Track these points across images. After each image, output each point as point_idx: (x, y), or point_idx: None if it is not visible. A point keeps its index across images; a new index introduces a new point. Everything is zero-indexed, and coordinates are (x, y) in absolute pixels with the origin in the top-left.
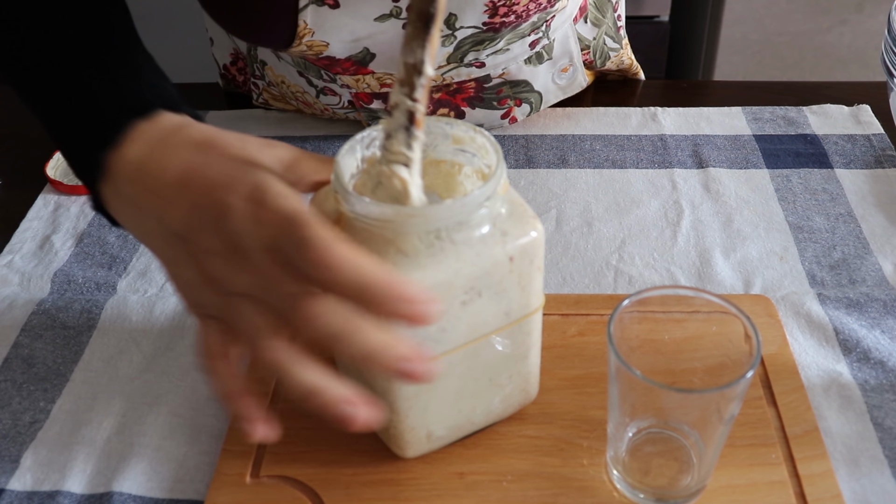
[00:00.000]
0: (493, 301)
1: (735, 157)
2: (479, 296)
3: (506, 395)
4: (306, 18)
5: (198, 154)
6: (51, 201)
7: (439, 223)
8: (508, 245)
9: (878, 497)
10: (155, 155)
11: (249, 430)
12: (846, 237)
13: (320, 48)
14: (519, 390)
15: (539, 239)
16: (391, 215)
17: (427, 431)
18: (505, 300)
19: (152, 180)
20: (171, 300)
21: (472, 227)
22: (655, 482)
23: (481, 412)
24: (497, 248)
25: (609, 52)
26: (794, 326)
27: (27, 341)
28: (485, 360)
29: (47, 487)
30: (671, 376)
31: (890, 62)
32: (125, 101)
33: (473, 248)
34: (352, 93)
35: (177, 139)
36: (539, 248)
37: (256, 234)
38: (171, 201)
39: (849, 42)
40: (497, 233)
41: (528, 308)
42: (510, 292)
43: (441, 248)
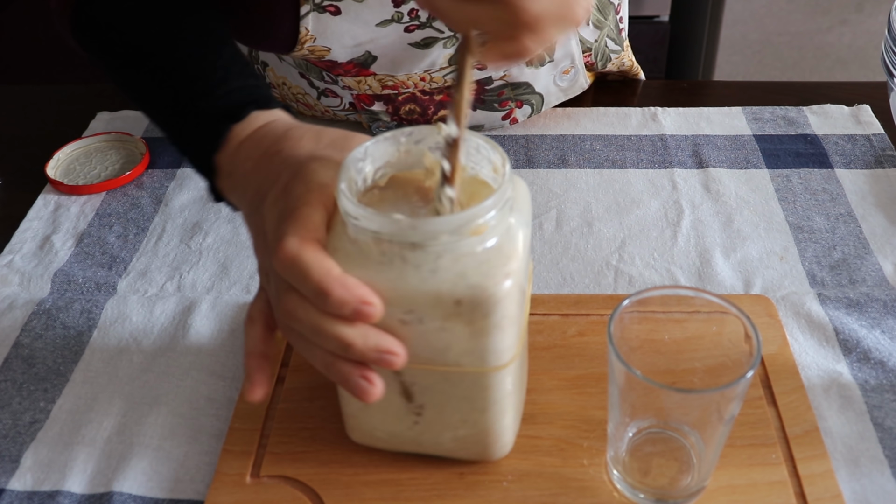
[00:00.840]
0: (437, 335)
1: (735, 157)
2: (420, 322)
3: (458, 436)
4: (308, 25)
5: (274, 145)
6: (51, 201)
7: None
8: (458, 288)
9: (878, 497)
10: (243, 149)
11: (247, 388)
12: (846, 237)
13: (322, 53)
14: (474, 441)
15: (501, 296)
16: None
17: (371, 427)
18: (451, 341)
19: (240, 170)
20: (172, 300)
21: (429, 253)
22: (655, 482)
23: (429, 440)
24: (445, 285)
25: (610, 54)
26: (794, 326)
27: (27, 341)
28: (431, 390)
29: (47, 487)
30: (671, 376)
31: (890, 62)
32: (223, 110)
33: (420, 274)
34: (353, 94)
35: (261, 134)
36: (500, 304)
37: (270, 216)
38: (246, 186)
39: (849, 42)
40: (453, 270)
41: (484, 363)
42: (458, 335)
43: (392, 260)
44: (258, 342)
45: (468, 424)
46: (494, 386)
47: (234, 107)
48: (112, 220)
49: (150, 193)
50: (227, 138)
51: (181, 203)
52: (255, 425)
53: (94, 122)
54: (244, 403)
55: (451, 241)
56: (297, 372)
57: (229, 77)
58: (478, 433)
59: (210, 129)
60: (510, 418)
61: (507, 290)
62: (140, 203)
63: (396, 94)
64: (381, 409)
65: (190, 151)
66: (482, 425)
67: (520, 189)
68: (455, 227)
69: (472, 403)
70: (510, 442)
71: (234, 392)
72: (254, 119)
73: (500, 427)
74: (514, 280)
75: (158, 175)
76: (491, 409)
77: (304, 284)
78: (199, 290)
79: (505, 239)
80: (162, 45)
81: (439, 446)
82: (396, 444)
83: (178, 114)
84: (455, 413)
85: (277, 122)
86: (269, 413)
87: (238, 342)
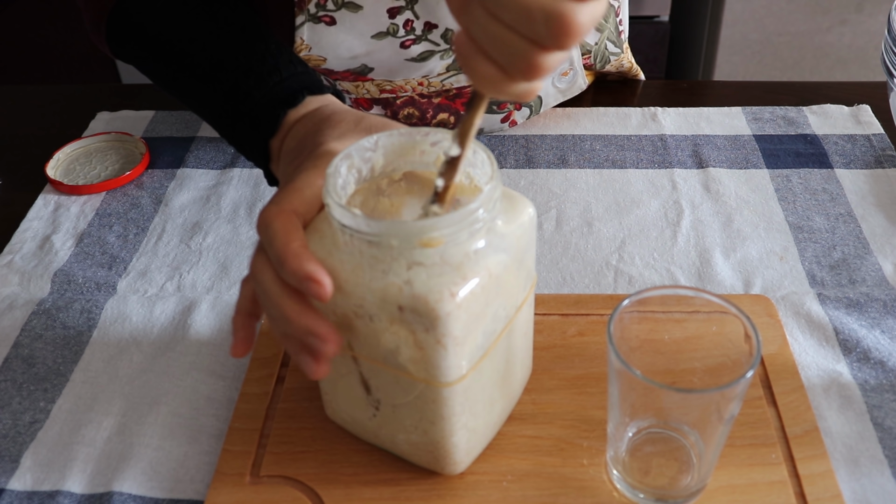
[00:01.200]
0: (385, 336)
1: (735, 157)
2: (370, 319)
3: (411, 441)
4: (303, 35)
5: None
6: (51, 201)
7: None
8: (403, 294)
9: (878, 497)
10: (292, 132)
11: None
12: (846, 237)
13: (318, 62)
14: (426, 450)
15: (440, 312)
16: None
17: (336, 406)
18: (398, 345)
19: (285, 153)
20: (171, 300)
21: (384, 252)
22: (655, 482)
23: (385, 436)
24: (392, 288)
25: (609, 56)
26: (794, 326)
27: (27, 341)
28: (385, 389)
29: (47, 487)
30: (671, 376)
31: (890, 62)
32: (278, 96)
33: (373, 272)
34: (351, 98)
35: (310, 117)
36: (441, 322)
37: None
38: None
39: (849, 42)
40: (403, 276)
41: (430, 376)
42: (403, 341)
43: (352, 252)
44: (247, 301)
45: (419, 432)
46: (442, 401)
47: (288, 93)
48: (112, 220)
49: (150, 193)
50: (282, 123)
51: (181, 203)
52: (255, 425)
53: (94, 122)
54: (244, 403)
55: (399, 248)
56: (297, 372)
57: (280, 66)
58: (429, 443)
59: (266, 115)
60: (462, 437)
61: (449, 309)
62: (140, 203)
63: (395, 98)
64: (345, 393)
65: (245, 141)
66: (432, 436)
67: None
68: (405, 234)
69: (421, 412)
70: (464, 461)
71: (234, 392)
72: (307, 104)
73: (449, 444)
74: (466, 301)
75: (158, 175)
76: (439, 423)
77: (269, 249)
78: (199, 290)
79: (469, 259)
80: (204, 40)
81: (395, 445)
82: (359, 431)
83: (231, 106)
84: (407, 417)
85: (328, 107)
86: (269, 413)
87: None
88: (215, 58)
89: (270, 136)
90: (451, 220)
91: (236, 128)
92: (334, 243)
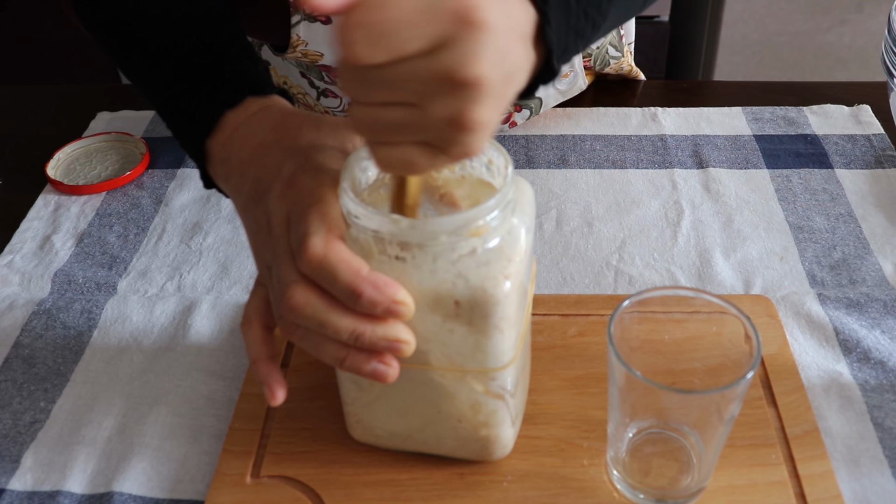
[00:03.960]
0: (437, 336)
1: (735, 157)
2: (420, 322)
3: (459, 436)
4: (299, 32)
5: (271, 134)
6: (51, 201)
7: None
8: (458, 289)
9: (878, 497)
10: (238, 136)
11: (268, 395)
12: (846, 237)
13: (315, 57)
14: (475, 440)
15: (500, 297)
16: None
17: (370, 426)
18: (451, 342)
19: (234, 158)
20: (172, 300)
21: (427, 253)
22: (655, 482)
23: (431, 438)
24: (444, 286)
25: (609, 60)
26: (794, 326)
27: (27, 341)
28: (432, 390)
29: (47, 487)
30: (671, 377)
31: (890, 62)
32: (217, 94)
33: (420, 274)
34: None
35: (257, 121)
36: (499, 306)
37: (278, 211)
38: (243, 176)
39: (849, 42)
40: (452, 271)
41: (482, 364)
42: (457, 337)
43: (391, 260)
44: (261, 345)
45: (469, 425)
46: (495, 386)
47: (229, 91)
48: (112, 220)
49: (150, 193)
50: (220, 124)
51: (181, 203)
52: (255, 425)
53: (94, 122)
54: (244, 403)
55: (450, 242)
56: (297, 372)
57: (225, 59)
58: (478, 435)
59: (204, 113)
60: (511, 419)
61: (506, 292)
62: (140, 203)
63: None
64: (383, 408)
65: (182, 134)
66: (483, 426)
67: (524, 190)
68: (455, 227)
69: (472, 404)
70: (511, 442)
71: (234, 392)
72: (249, 105)
73: (500, 429)
74: (514, 282)
75: (158, 175)
76: (492, 409)
77: (333, 285)
78: (200, 290)
79: (507, 240)
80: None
81: (440, 446)
82: (397, 443)
83: (172, 95)
84: (455, 411)
85: (273, 109)
86: (269, 413)
87: (238, 342)
88: (166, 40)
89: (206, 136)
90: (494, 205)
91: (175, 119)
92: (368, 256)
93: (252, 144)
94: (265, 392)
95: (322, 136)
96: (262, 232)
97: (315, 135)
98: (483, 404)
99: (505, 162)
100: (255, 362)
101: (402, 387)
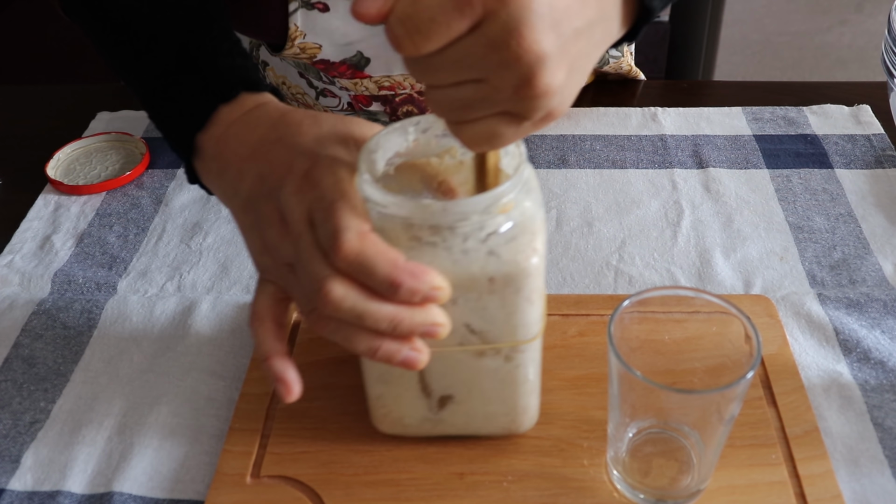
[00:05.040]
0: (471, 315)
1: (735, 157)
2: (453, 304)
3: (488, 412)
4: (297, 21)
5: (271, 131)
6: (51, 201)
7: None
8: (490, 266)
9: (878, 497)
10: (233, 133)
11: (281, 392)
12: (846, 237)
13: (313, 51)
14: (503, 413)
15: (531, 270)
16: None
17: (399, 415)
18: (485, 319)
19: (231, 154)
20: (172, 300)
21: (458, 235)
22: (655, 483)
23: (460, 419)
24: (476, 264)
25: (609, 58)
26: (794, 326)
27: (27, 341)
28: (463, 370)
29: (48, 487)
30: (671, 377)
31: (890, 62)
32: (210, 87)
33: (452, 256)
34: (350, 95)
35: (254, 117)
36: (530, 278)
37: (298, 207)
38: (243, 173)
39: (849, 42)
40: (483, 249)
41: (515, 336)
42: (491, 312)
43: (421, 245)
44: (274, 342)
45: (499, 400)
46: (522, 360)
47: (222, 85)
48: (112, 220)
49: (150, 193)
50: (213, 118)
51: (181, 203)
52: (255, 425)
53: (94, 122)
54: (245, 403)
55: (480, 221)
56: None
57: (218, 54)
58: (508, 407)
59: (196, 105)
60: (538, 388)
61: (535, 265)
62: (140, 203)
63: (394, 96)
64: (412, 396)
65: (170, 127)
66: (510, 400)
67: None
68: (485, 206)
69: (503, 379)
70: (537, 413)
71: (234, 392)
72: (243, 101)
73: (528, 400)
74: (541, 254)
75: (158, 175)
76: (519, 381)
77: (371, 278)
78: (200, 290)
79: (526, 217)
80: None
81: (469, 426)
82: (427, 429)
83: (161, 86)
84: (485, 388)
85: (269, 106)
86: (269, 413)
87: (238, 342)
88: (154, 31)
89: (198, 130)
90: (515, 182)
91: (163, 110)
92: (395, 244)
93: (251, 141)
94: (279, 389)
95: (324, 132)
96: (273, 229)
97: (318, 130)
98: (513, 377)
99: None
100: (269, 358)
101: (434, 370)
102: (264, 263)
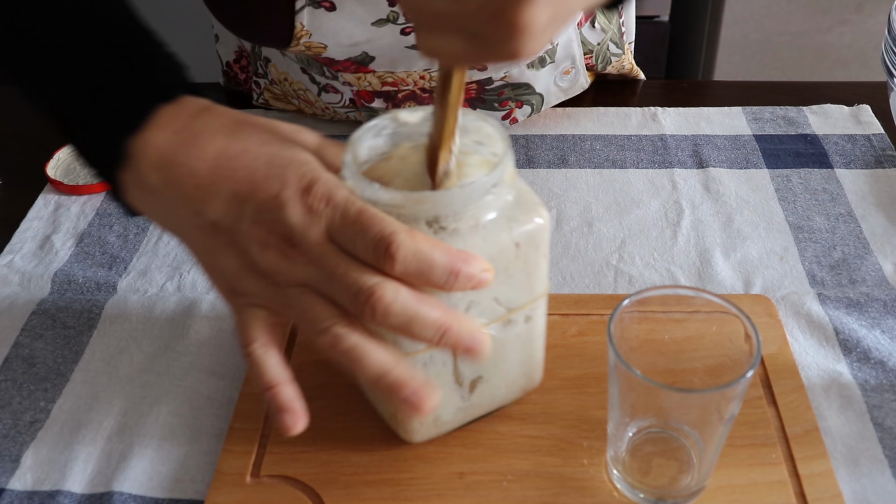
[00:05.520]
0: (499, 287)
1: (735, 157)
2: None
3: (511, 380)
4: (303, 20)
5: (232, 141)
6: (51, 201)
7: (447, 209)
8: (514, 231)
9: (878, 497)
10: (184, 141)
11: (290, 423)
12: (846, 237)
13: (318, 49)
14: (522, 374)
15: (545, 226)
16: (400, 201)
17: (435, 416)
18: (511, 286)
19: (184, 168)
20: (171, 300)
21: (479, 213)
22: (655, 482)
23: (487, 397)
24: (503, 234)
25: (611, 57)
26: (794, 326)
27: (27, 341)
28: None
29: (47, 487)
30: (671, 376)
31: (890, 62)
32: (146, 85)
33: (479, 234)
34: (353, 90)
35: (203, 124)
36: (544, 234)
37: (313, 227)
38: (208, 191)
39: (849, 42)
40: (503, 219)
41: (534, 294)
42: (516, 278)
43: (448, 234)
44: (280, 368)
45: (519, 363)
46: (539, 313)
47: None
48: (112, 220)
49: None
50: (152, 120)
51: None
52: (255, 425)
53: None
54: (244, 403)
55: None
56: (297, 372)
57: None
58: (527, 367)
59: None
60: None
61: (547, 216)
62: None
63: (396, 92)
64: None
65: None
66: (529, 358)
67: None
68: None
69: (524, 341)
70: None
71: (234, 392)
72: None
73: (541, 353)
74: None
75: None
76: (535, 337)
77: (431, 273)
78: (200, 290)
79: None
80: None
81: (494, 399)
82: (460, 420)
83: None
84: (508, 357)
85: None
86: (269, 413)
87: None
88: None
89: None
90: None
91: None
92: None
93: (209, 154)
94: (286, 420)
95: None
96: (269, 252)
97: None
98: (531, 336)
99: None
100: (275, 386)
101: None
102: (248, 288)
